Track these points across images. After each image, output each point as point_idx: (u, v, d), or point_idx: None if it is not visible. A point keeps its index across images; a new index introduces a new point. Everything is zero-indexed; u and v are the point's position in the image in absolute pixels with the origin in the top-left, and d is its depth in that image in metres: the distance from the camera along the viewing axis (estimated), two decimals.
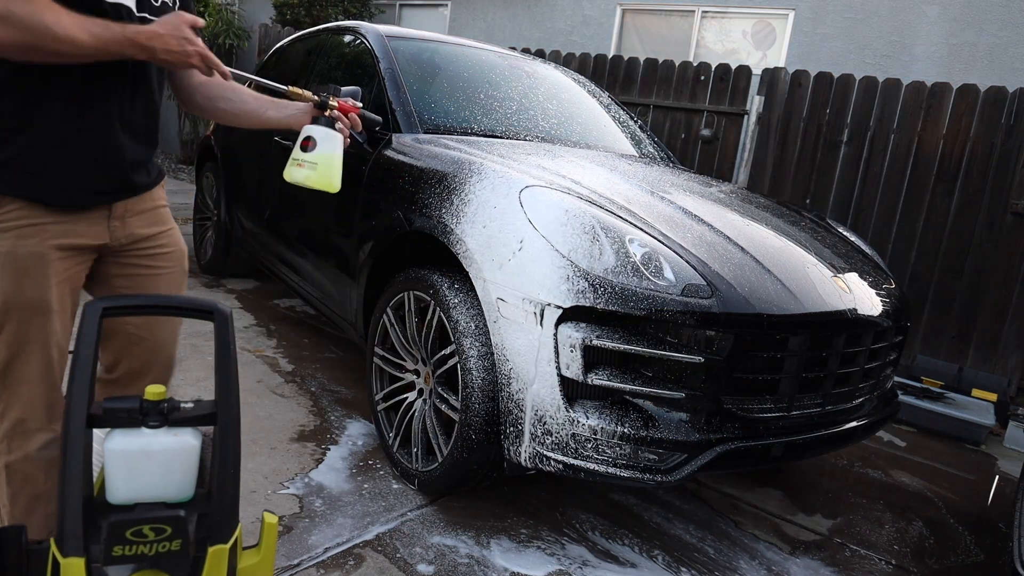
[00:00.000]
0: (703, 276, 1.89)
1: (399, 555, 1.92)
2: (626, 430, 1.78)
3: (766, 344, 1.90)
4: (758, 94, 4.74)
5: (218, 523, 1.07)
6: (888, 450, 3.31)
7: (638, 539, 2.19)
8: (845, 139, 4.53)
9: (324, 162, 1.48)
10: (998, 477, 3.18)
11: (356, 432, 2.61)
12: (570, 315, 1.81)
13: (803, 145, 4.68)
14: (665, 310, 1.79)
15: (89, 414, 1.02)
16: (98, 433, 1.06)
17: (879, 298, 2.28)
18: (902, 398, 3.57)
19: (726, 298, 1.85)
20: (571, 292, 1.82)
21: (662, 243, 1.97)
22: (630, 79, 5.36)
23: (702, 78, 5.05)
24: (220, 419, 1.09)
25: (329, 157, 1.49)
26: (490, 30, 8.65)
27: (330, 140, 1.49)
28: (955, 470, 3.18)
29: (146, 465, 1.04)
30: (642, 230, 2.00)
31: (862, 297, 2.20)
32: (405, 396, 2.35)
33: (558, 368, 1.82)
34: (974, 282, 4.17)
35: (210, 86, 1.52)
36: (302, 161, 1.48)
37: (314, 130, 1.49)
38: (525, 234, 1.94)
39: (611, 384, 1.80)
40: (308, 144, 1.48)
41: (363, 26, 3.28)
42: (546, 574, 1.94)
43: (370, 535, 1.99)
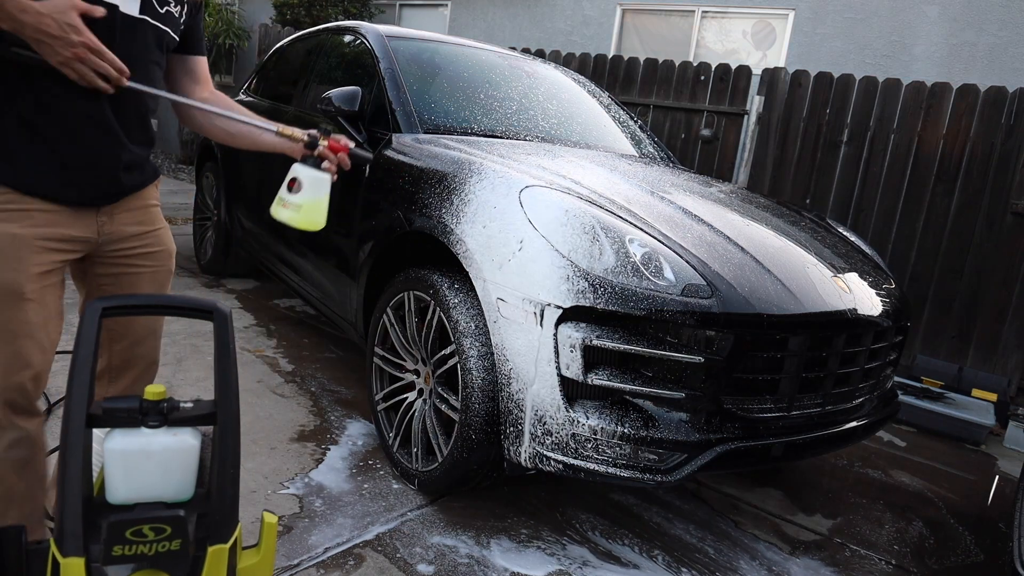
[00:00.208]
0: (703, 276, 1.89)
1: (399, 555, 1.92)
2: (626, 430, 1.78)
3: (766, 344, 1.90)
4: (758, 94, 4.74)
5: (218, 523, 1.07)
6: (888, 450, 3.31)
7: (638, 539, 2.19)
8: (845, 139, 4.53)
9: (308, 205, 1.48)
10: (998, 477, 3.18)
11: (356, 432, 2.61)
12: (570, 315, 1.81)
13: (803, 145, 4.68)
14: (665, 310, 1.79)
15: (89, 414, 1.02)
16: (98, 433, 1.06)
17: (879, 298, 2.28)
18: (902, 398, 3.57)
19: (726, 298, 1.85)
20: (571, 292, 1.81)
21: (662, 243, 1.97)
22: (630, 79, 5.36)
23: (702, 78, 5.05)
24: (220, 419, 1.09)
25: (313, 200, 1.49)
26: (490, 30, 8.65)
27: (316, 183, 1.49)
28: (955, 470, 3.18)
29: (146, 465, 1.04)
30: (642, 230, 2.00)
31: (862, 297, 2.20)
32: (405, 396, 2.35)
33: (558, 368, 1.82)
34: (974, 282, 4.17)
35: (210, 101, 1.53)
36: (287, 203, 1.49)
37: (301, 171, 1.49)
38: (525, 234, 1.94)
39: (611, 384, 1.80)
40: (294, 186, 1.48)
41: (363, 26, 3.28)
42: (546, 574, 1.94)
43: (370, 535, 1.99)
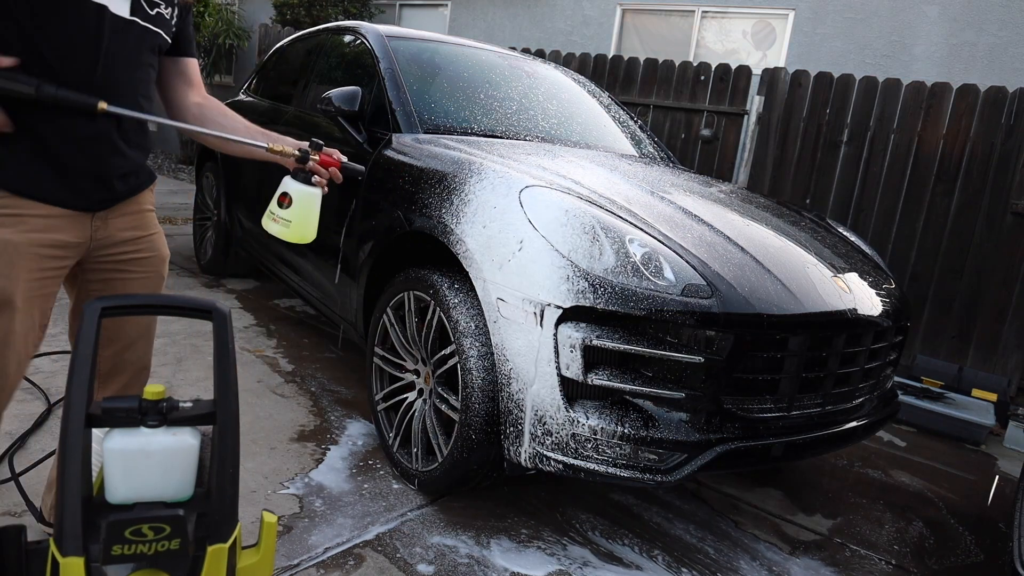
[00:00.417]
0: (703, 276, 1.89)
1: (399, 555, 1.92)
2: (626, 430, 1.78)
3: (766, 344, 1.90)
4: (758, 94, 4.74)
5: (217, 522, 1.07)
6: (888, 450, 3.31)
7: (639, 539, 2.18)
8: (845, 139, 4.53)
9: (298, 221, 1.49)
10: (998, 477, 3.18)
11: (356, 432, 2.61)
12: (570, 315, 1.81)
13: (803, 145, 4.68)
14: (665, 310, 1.79)
15: (88, 414, 1.02)
16: (97, 433, 1.06)
17: (879, 298, 2.28)
18: (902, 398, 3.57)
19: (726, 298, 1.85)
20: (571, 292, 1.81)
21: (662, 243, 1.97)
22: (630, 79, 5.36)
23: (702, 78, 5.05)
24: (219, 418, 1.08)
25: (303, 215, 1.49)
26: (490, 30, 8.65)
27: (306, 198, 1.49)
28: (955, 470, 3.18)
29: (145, 464, 1.04)
30: (642, 230, 2.00)
31: (862, 297, 2.20)
32: (405, 396, 2.34)
33: (558, 368, 1.81)
34: (974, 282, 4.17)
35: (203, 108, 1.51)
36: (277, 217, 1.49)
37: (291, 186, 1.48)
38: (525, 234, 1.94)
39: (611, 384, 1.80)
40: (284, 200, 1.48)
41: (363, 26, 3.28)
42: (546, 574, 1.94)
43: (370, 535, 1.99)
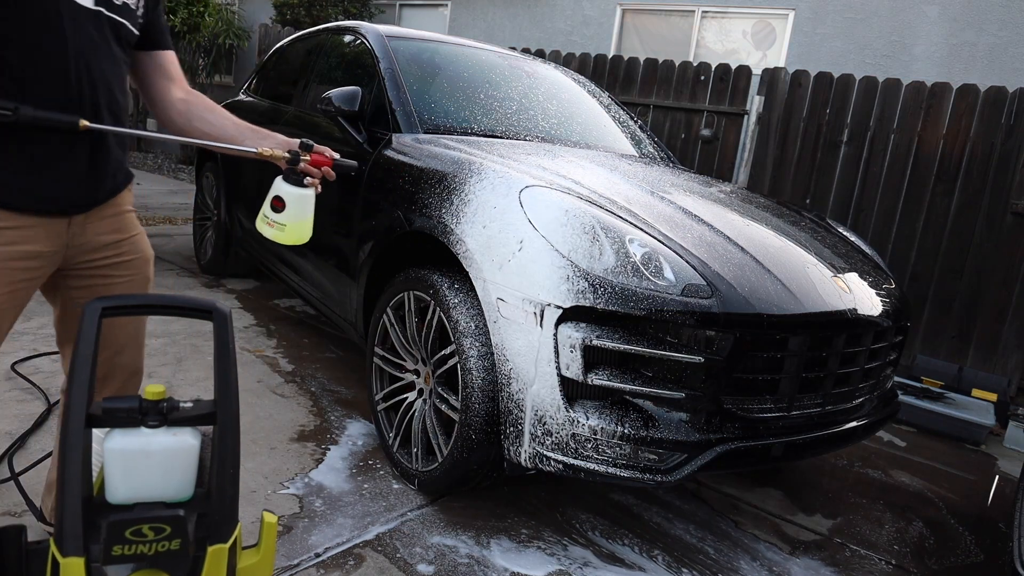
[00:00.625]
0: (703, 276, 1.89)
1: (399, 555, 1.92)
2: (626, 430, 1.78)
3: (766, 344, 1.90)
4: (758, 94, 4.74)
5: (217, 522, 1.07)
6: (888, 450, 3.31)
7: (639, 539, 2.18)
8: (845, 139, 4.53)
9: (293, 224, 1.48)
10: (998, 477, 3.18)
11: (356, 432, 2.61)
12: (570, 315, 1.81)
13: (803, 145, 4.68)
14: (665, 310, 1.79)
15: (88, 414, 1.02)
16: (97, 433, 1.06)
17: (879, 298, 2.28)
18: (902, 398, 3.57)
19: (726, 298, 1.85)
20: (571, 292, 1.81)
21: (662, 243, 1.97)
22: (630, 79, 5.36)
23: (702, 78, 5.05)
24: (219, 419, 1.08)
25: (298, 218, 1.48)
26: (490, 30, 8.65)
27: (299, 200, 1.47)
28: (955, 470, 3.18)
29: (145, 465, 1.04)
30: (642, 230, 2.00)
31: (862, 297, 2.20)
32: (405, 396, 2.35)
33: (558, 368, 1.81)
34: (974, 282, 4.17)
35: (189, 104, 1.47)
36: (271, 221, 1.48)
37: (284, 189, 1.47)
38: (525, 234, 1.94)
39: (611, 384, 1.80)
40: (278, 204, 1.47)
41: (363, 26, 3.28)
42: (546, 574, 1.94)
43: (370, 535, 1.99)
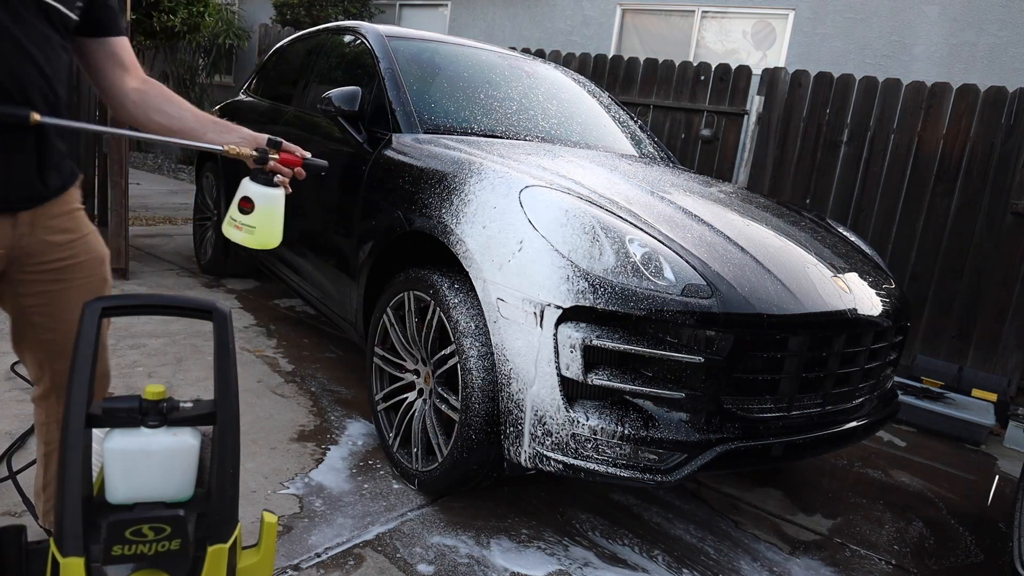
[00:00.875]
0: (703, 276, 1.89)
1: (399, 555, 1.92)
2: (626, 430, 1.78)
3: (766, 344, 1.90)
4: (758, 94, 4.74)
5: (217, 522, 1.07)
6: (888, 450, 3.31)
7: (639, 539, 2.18)
8: (845, 139, 4.53)
9: (262, 225, 1.43)
10: (998, 477, 3.18)
11: (356, 432, 2.61)
12: (570, 315, 1.81)
13: (803, 145, 4.68)
14: (665, 310, 1.79)
15: (88, 414, 1.02)
16: (97, 433, 1.06)
17: (879, 298, 2.28)
18: (902, 398, 3.57)
19: (726, 298, 1.85)
20: (571, 292, 1.81)
21: (662, 243, 1.97)
22: (630, 79, 5.36)
23: (702, 78, 5.05)
24: (219, 419, 1.08)
25: (267, 220, 1.44)
26: (490, 30, 8.65)
27: (268, 201, 1.43)
28: (955, 470, 3.18)
29: (145, 465, 1.04)
30: (642, 230, 2.00)
31: (862, 297, 2.20)
32: (405, 396, 2.35)
33: (558, 368, 1.81)
34: (974, 282, 4.17)
35: (145, 94, 1.39)
36: (239, 223, 1.43)
37: (252, 189, 1.43)
38: (525, 234, 1.94)
39: (611, 384, 1.80)
40: (245, 205, 1.43)
41: (363, 26, 3.28)
42: (546, 574, 1.94)
43: (370, 535, 1.99)
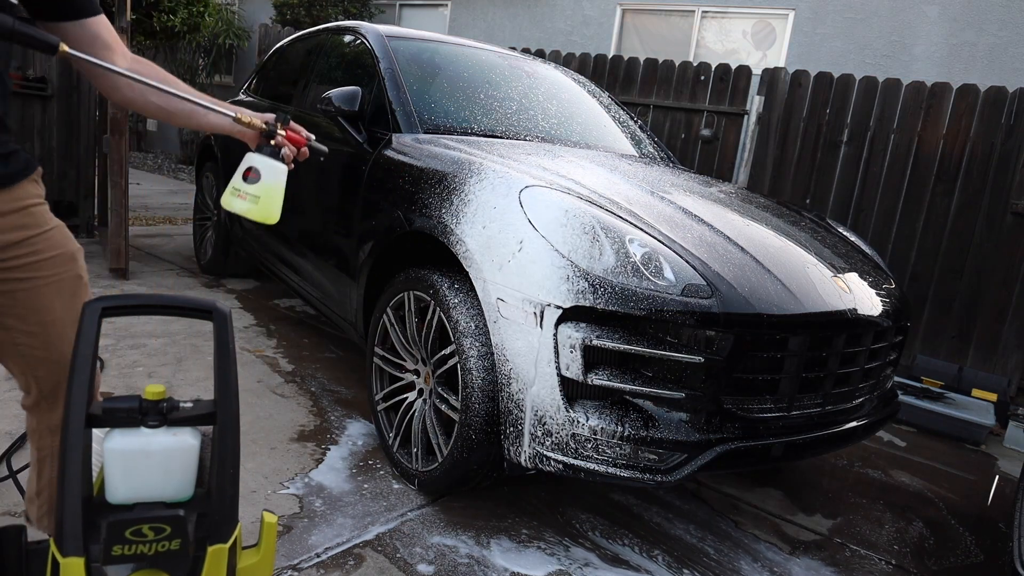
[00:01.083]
0: (703, 276, 1.89)
1: (399, 555, 1.92)
2: (626, 430, 1.78)
3: (766, 344, 1.90)
4: (758, 94, 4.74)
5: (217, 522, 1.07)
6: (888, 450, 3.31)
7: (639, 539, 2.18)
8: (845, 139, 4.53)
9: (266, 195, 1.42)
10: (998, 477, 3.18)
11: (356, 432, 2.61)
12: (570, 315, 1.81)
13: (803, 145, 4.68)
14: (665, 310, 1.79)
15: (88, 414, 1.02)
16: (97, 433, 1.06)
17: (879, 298, 2.28)
18: (902, 398, 3.57)
19: (726, 298, 1.85)
20: (571, 292, 1.81)
21: (662, 243, 1.97)
22: (630, 79, 5.36)
23: (702, 78, 5.05)
24: (219, 419, 1.08)
25: (270, 192, 1.42)
26: (490, 30, 8.65)
27: (273, 172, 1.42)
28: (955, 470, 3.18)
29: (145, 465, 1.04)
30: (642, 230, 2.00)
31: (862, 297, 2.20)
32: (405, 396, 2.35)
33: (558, 368, 1.81)
34: (974, 282, 4.17)
35: (138, 73, 1.31)
36: (243, 193, 1.42)
37: (257, 160, 1.42)
38: (525, 234, 1.94)
39: (611, 384, 1.80)
40: (250, 175, 1.41)
41: (363, 26, 3.28)
42: (546, 574, 1.94)
43: (370, 535, 1.99)
